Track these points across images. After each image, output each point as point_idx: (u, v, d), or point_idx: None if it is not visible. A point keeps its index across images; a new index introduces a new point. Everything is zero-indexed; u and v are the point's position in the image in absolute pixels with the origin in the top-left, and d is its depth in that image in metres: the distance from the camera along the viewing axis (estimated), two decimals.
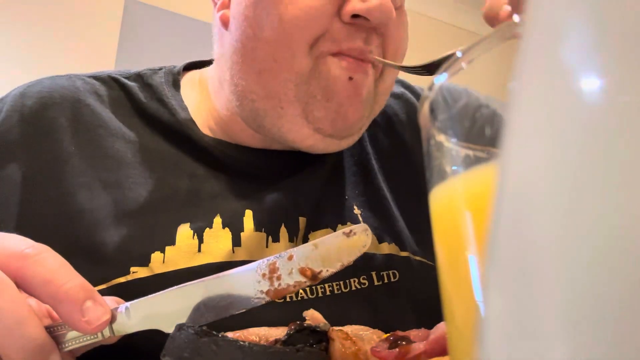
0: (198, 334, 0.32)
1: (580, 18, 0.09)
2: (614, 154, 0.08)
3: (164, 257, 0.43)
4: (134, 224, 0.44)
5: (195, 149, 0.50)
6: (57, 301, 0.30)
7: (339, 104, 0.45)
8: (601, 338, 0.08)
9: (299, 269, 0.34)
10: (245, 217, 0.47)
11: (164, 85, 0.54)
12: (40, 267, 0.30)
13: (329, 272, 0.35)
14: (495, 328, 0.10)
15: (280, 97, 0.45)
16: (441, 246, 0.18)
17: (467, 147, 0.17)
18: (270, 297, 0.34)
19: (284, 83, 0.44)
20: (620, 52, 0.08)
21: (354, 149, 0.56)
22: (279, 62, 0.44)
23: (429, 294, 0.40)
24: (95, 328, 0.30)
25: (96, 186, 0.46)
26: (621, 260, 0.08)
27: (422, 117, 0.19)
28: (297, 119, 0.46)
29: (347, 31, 0.43)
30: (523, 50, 0.10)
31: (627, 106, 0.08)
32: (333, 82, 0.44)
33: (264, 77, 0.45)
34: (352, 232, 0.35)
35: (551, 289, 0.08)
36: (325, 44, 0.43)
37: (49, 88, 0.51)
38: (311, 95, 0.45)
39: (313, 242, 0.35)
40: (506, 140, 0.10)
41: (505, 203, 0.10)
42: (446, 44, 2.74)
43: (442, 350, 0.30)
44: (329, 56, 0.44)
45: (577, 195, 0.08)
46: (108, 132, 0.49)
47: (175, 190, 0.47)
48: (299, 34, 0.43)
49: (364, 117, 0.47)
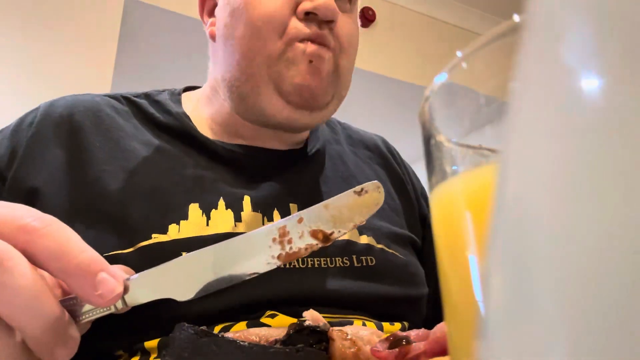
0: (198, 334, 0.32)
1: (580, 18, 0.09)
2: (613, 153, 0.08)
3: (179, 228, 0.51)
4: (152, 201, 0.53)
5: (198, 145, 0.60)
6: (68, 275, 0.30)
7: (303, 80, 0.55)
8: (601, 330, 0.08)
9: (310, 231, 0.34)
10: (244, 201, 0.56)
11: (169, 101, 0.65)
12: (48, 241, 0.29)
13: (340, 232, 0.34)
14: (495, 326, 0.10)
15: (256, 78, 0.56)
16: (441, 246, 0.18)
17: (467, 147, 0.17)
18: (281, 261, 0.33)
19: (259, 66, 0.56)
20: (620, 52, 0.08)
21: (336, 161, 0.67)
22: (253, 50, 0.56)
23: (398, 278, 0.57)
24: (109, 301, 0.30)
25: (118, 172, 0.55)
26: (620, 258, 0.08)
27: (422, 117, 0.19)
28: (272, 95, 0.56)
29: (306, 22, 0.55)
30: (523, 50, 0.10)
31: (627, 106, 0.08)
32: (296, 65, 0.55)
33: (242, 64, 0.57)
34: (363, 190, 0.34)
35: (551, 286, 0.08)
36: (291, 32, 0.55)
37: (73, 100, 0.61)
38: (280, 75, 0.55)
39: (323, 203, 0.34)
40: (506, 140, 0.10)
41: (506, 203, 0.10)
42: (446, 44, 2.74)
43: (442, 350, 0.30)
44: (296, 42, 0.55)
45: (576, 194, 0.08)
46: (124, 134, 0.59)
47: (182, 177, 0.56)
48: (264, 26, 0.55)
49: (328, 93, 0.58)
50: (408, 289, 0.59)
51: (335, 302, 0.52)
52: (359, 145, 0.74)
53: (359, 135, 0.76)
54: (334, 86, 0.59)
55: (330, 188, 0.63)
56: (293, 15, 0.55)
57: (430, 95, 0.18)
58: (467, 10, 2.84)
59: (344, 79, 0.61)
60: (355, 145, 0.73)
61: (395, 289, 0.57)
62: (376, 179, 0.68)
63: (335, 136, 0.73)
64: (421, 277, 0.62)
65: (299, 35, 0.55)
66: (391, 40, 2.63)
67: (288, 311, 0.50)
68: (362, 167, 0.70)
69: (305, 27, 0.55)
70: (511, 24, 0.14)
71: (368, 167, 0.71)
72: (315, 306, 0.50)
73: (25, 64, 1.77)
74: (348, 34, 0.59)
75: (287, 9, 0.55)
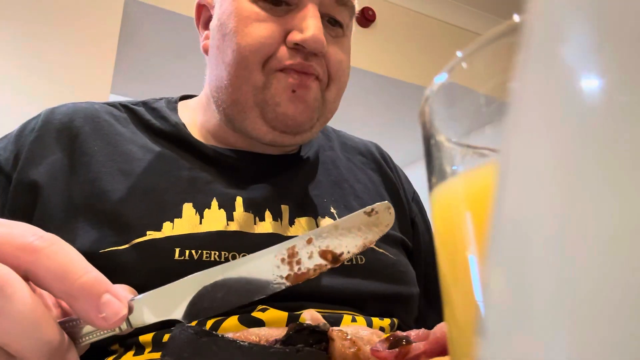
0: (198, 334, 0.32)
1: (580, 18, 0.09)
2: (613, 153, 0.08)
3: (173, 225, 0.53)
4: (147, 201, 0.55)
5: (193, 149, 0.62)
6: (72, 297, 0.29)
7: (286, 109, 0.57)
8: (601, 331, 0.08)
9: (320, 251, 0.33)
10: (236, 202, 0.58)
11: (165, 108, 0.67)
12: (52, 261, 0.29)
13: (350, 253, 0.33)
14: (495, 326, 0.10)
15: (242, 104, 0.58)
16: (441, 246, 0.18)
17: (467, 147, 0.17)
18: (290, 282, 0.33)
19: (245, 94, 0.58)
20: (620, 52, 0.08)
21: (328, 167, 0.69)
22: (240, 78, 0.57)
23: (387, 276, 0.59)
24: (113, 324, 0.30)
25: (116, 174, 0.57)
26: (620, 259, 0.08)
27: (422, 117, 0.19)
28: (257, 120, 0.58)
29: (290, 53, 0.56)
30: (523, 50, 0.10)
31: (627, 106, 0.08)
32: (280, 94, 0.57)
33: (229, 89, 0.59)
34: (373, 210, 0.33)
35: (551, 287, 0.08)
36: (274, 62, 0.56)
37: (73, 107, 0.64)
38: (265, 102, 0.57)
39: (333, 223, 0.33)
40: (506, 140, 0.10)
41: (505, 203, 0.10)
42: (446, 44, 2.74)
43: (442, 350, 0.30)
44: (278, 72, 0.56)
45: (576, 195, 0.08)
46: (122, 138, 0.61)
47: (177, 178, 0.58)
48: (251, 56, 0.56)
49: (312, 119, 0.60)
50: (397, 287, 0.59)
51: (325, 297, 0.53)
52: (353, 152, 0.76)
53: (352, 142, 0.78)
54: (319, 112, 0.60)
55: (321, 192, 0.65)
56: (282, 44, 0.56)
57: (430, 95, 0.18)
58: (467, 10, 2.83)
59: (331, 106, 0.62)
60: (349, 151, 0.75)
61: (385, 287, 0.58)
62: (369, 183, 0.71)
63: (329, 143, 0.74)
64: (411, 276, 0.63)
65: (282, 65, 0.56)
66: (391, 40, 2.63)
67: (279, 306, 0.50)
68: (355, 172, 0.71)
69: (290, 57, 0.56)
70: (511, 24, 0.14)
71: (361, 172, 0.72)
72: (306, 301, 0.51)
73: (25, 63, 1.76)
74: (337, 62, 0.60)
75: (276, 38, 0.56)
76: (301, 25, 0.55)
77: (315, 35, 0.55)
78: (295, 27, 0.56)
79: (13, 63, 1.75)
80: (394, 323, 0.58)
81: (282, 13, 0.57)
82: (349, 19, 0.62)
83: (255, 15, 0.57)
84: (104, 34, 1.93)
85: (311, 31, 0.55)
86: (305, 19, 0.55)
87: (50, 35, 1.83)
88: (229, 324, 0.48)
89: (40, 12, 1.84)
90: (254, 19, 0.57)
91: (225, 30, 0.58)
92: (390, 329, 0.56)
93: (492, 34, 0.15)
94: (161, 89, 2.63)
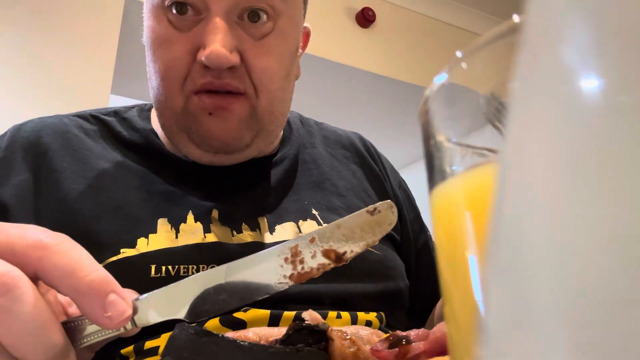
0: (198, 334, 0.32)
1: (580, 18, 0.09)
2: (613, 153, 0.08)
3: (148, 241, 0.52)
4: (121, 217, 0.54)
5: (165, 161, 0.61)
6: (79, 294, 0.29)
7: (208, 132, 0.55)
8: (601, 332, 0.08)
9: (323, 250, 0.33)
10: (212, 214, 0.56)
11: (137, 117, 0.65)
12: (60, 258, 0.29)
13: (353, 252, 0.33)
14: (495, 326, 0.10)
15: (170, 128, 0.57)
16: (441, 246, 0.18)
17: (467, 147, 0.17)
18: (293, 282, 0.33)
19: (169, 118, 0.56)
20: (620, 52, 0.08)
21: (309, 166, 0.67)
22: (163, 103, 0.56)
23: (373, 274, 0.58)
24: (118, 324, 0.30)
25: (86, 191, 0.55)
26: (619, 260, 0.08)
27: (422, 117, 0.19)
28: (188, 144, 0.57)
29: (202, 71, 0.53)
30: (523, 50, 0.10)
31: (626, 106, 0.08)
32: (197, 119, 0.55)
33: (157, 113, 0.58)
34: (376, 209, 0.33)
35: (551, 288, 0.08)
36: (188, 84, 0.54)
37: (41, 124, 0.61)
38: (188, 127, 0.55)
39: (336, 223, 0.34)
40: (506, 140, 0.10)
41: (505, 204, 0.10)
42: (446, 44, 2.74)
43: (442, 350, 0.30)
44: (193, 95, 0.54)
45: (576, 195, 0.08)
46: (93, 154, 0.59)
47: (150, 193, 0.57)
48: (166, 81, 0.54)
49: (242, 137, 0.56)
50: (384, 284, 0.59)
51: (310, 299, 0.53)
52: (336, 146, 0.73)
53: (335, 134, 0.76)
54: (251, 128, 0.56)
55: (300, 195, 0.63)
56: (194, 62, 0.53)
57: (430, 95, 0.18)
58: (467, 11, 2.83)
59: (267, 117, 0.57)
60: (331, 145, 0.73)
61: (370, 285, 0.57)
62: (353, 178, 0.69)
63: (311, 139, 0.72)
64: (399, 271, 0.63)
65: (196, 86, 0.53)
66: (391, 40, 2.63)
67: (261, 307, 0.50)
68: (338, 168, 0.70)
69: (202, 76, 0.52)
70: (511, 24, 0.14)
71: (344, 168, 0.70)
72: (290, 304, 0.51)
73: (25, 64, 1.76)
74: (260, 71, 0.54)
75: (186, 58, 0.53)
76: (205, 41, 0.51)
77: (215, 51, 0.50)
78: (201, 43, 0.52)
79: (13, 63, 1.75)
80: (381, 316, 0.58)
81: (191, 24, 0.53)
82: (279, 1, 0.55)
83: (164, 35, 0.54)
84: (104, 34, 1.93)
85: (210, 48, 0.50)
86: (208, 33, 0.51)
87: (50, 35, 1.83)
88: (210, 325, 0.49)
89: (40, 12, 1.84)
90: (164, 39, 0.54)
91: (147, 48, 0.57)
92: (379, 322, 0.57)
93: (492, 34, 0.15)
94: None
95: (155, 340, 0.48)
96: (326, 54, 2.32)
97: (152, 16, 0.56)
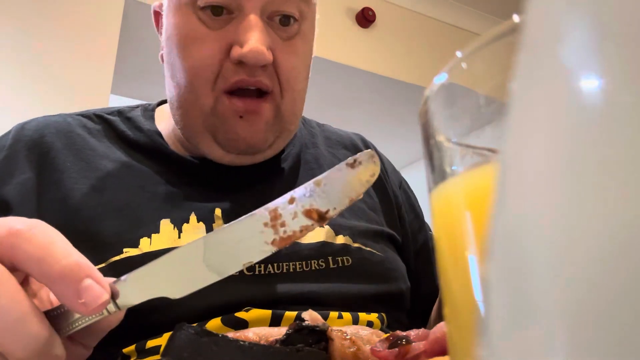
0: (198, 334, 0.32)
1: (580, 18, 0.09)
2: (613, 153, 0.08)
3: (151, 241, 0.52)
4: (123, 217, 0.53)
5: (169, 162, 0.60)
6: (51, 281, 0.28)
7: (236, 134, 0.55)
8: (601, 331, 0.08)
9: (304, 211, 0.31)
10: (215, 213, 0.56)
11: (140, 117, 0.65)
12: (31, 244, 0.28)
13: (336, 210, 0.31)
14: (495, 326, 0.10)
15: (193, 128, 0.57)
16: (441, 246, 0.18)
17: (467, 147, 0.17)
18: (276, 247, 0.31)
19: (194, 118, 0.56)
20: (620, 52, 0.08)
21: (312, 166, 0.68)
22: (188, 102, 0.56)
23: (374, 276, 0.58)
24: (95, 309, 0.29)
25: (89, 191, 0.55)
26: (619, 260, 0.08)
27: (422, 117, 0.19)
28: (211, 144, 0.57)
29: (235, 69, 0.53)
30: (523, 50, 0.10)
31: (626, 106, 0.08)
32: (227, 121, 0.55)
33: (180, 112, 0.57)
34: (356, 161, 0.31)
35: (551, 287, 0.08)
36: (220, 82, 0.54)
37: (45, 122, 0.61)
38: (215, 127, 0.55)
39: (315, 180, 0.31)
40: (506, 140, 0.10)
41: (505, 204, 0.10)
42: (446, 44, 2.74)
43: (442, 350, 0.30)
44: (224, 95, 0.54)
45: (576, 195, 0.08)
46: (96, 154, 0.59)
47: (154, 194, 0.57)
48: (196, 80, 0.54)
49: (267, 139, 0.57)
50: (385, 286, 0.59)
51: (311, 301, 0.53)
52: (337, 146, 0.74)
53: (337, 135, 0.76)
54: (275, 130, 0.58)
55: None
56: (227, 59, 0.53)
57: (430, 95, 0.18)
58: (467, 11, 2.84)
59: (290, 118, 0.59)
60: (333, 146, 0.73)
61: (372, 287, 0.57)
62: None
63: (313, 139, 0.73)
64: (400, 272, 0.63)
65: (228, 84, 0.53)
66: (391, 40, 2.63)
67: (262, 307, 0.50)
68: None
69: (235, 73, 0.53)
70: (511, 24, 0.14)
71: None
72: (291, 305, 0.51)
73: (25, 64, 1.76)
74: (288, 70, 0.56)
75: (218, 56, 0.53)
76: (241, 39, 0.52)
77: (254, 49, 0.51)
78: (236, 41, 0.52)
79: (13, 63, 1.75)
80: (383, 317, 0.58)
81: (223, 23, 0.54)
82: (304, 6, 0.57)
83: (195, 33, 0.54)
84: (104, 34, 1.93)
85: (250, 45, 0.51)
86: (245, 31, 0.52)
87: (51, 35, 1.83)
88: (212, 325, 0.49)
89: (40, 12, 1.84)
90: (194, 37, 0.54)
91: (171, 44, 0.56)
92: (380, 323, 0.57)
93: (492, 34, 0.15)
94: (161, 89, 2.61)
95: (157, 339, 0.48)
96: (326, 54, 2.32)
97: (179, 13, 0.55)
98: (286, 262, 0.55)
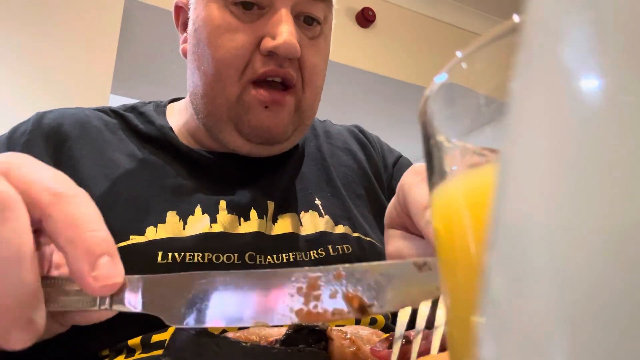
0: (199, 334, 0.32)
1: (580, 18, 0.09)
2: (613, 153, 0.08)
3: (156, 230, 0.54)
4: (132, 207, 0.56)
5: (179, 155, 0.63)
6: (74, 246, 0.27)
7: (260, 123, 0.58)
8: (601, 331, 0.08)
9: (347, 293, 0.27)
10: (219, 205, 0.58)
11: (153, 112, 0.68)
12: (71, 208, 0.28)
13: (382, 309, 0.26)
14: (495, 326, 0.10)
15: (217, 116, 0.59)
16: (441, 246, 0.18)
17: (467, 147, 0.17)
18: (299, 319, 0.27)
19: (219, 106, 0.58)
20: (620, 52, 0.08)
21: (315, 156, 0.70)
22: (214, 90, 0.58)
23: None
24: (101, 288, 0.27)
25: (101, 180, 0.57)
26: (619, 258, 0.08)
27: (422, 117, 0.19)
28: (233, 133, 0.60)
29: (264, 60, 0.56)
30: (523, 50, 0.10)
31: (627, 107, 0.08)
32: (252, 110, 0.57)
33: (205, 100, 0.60)
34: (426, 264, 0.26)
35: (551, 287, 0.08)
36: (248, 72, 0.56)
37: (63, 113, 0.64)
38: (239, 117, 0.58)
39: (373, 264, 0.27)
40: (506, 140, 0.10)
41: (505, 203, 0.10)
42: (446, 44, 2.74)
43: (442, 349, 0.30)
44: (251, 85, 0.56)
45: (576, 194, 0.08)
46: (109, 145, 0.62)
47: (162, 186, 0.59)
48: (226, 70, 0.56)
49: (287, 130, 0.60)
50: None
51: None
52: (338, 136, 0.77)
53: (335, 128, 0.79)
54: (294, 122, 0.61)
55: (305, 184, 0.66)
56: (256, 51, 0.56)
57: (430, 95, 0.18)
58: (467, 11, 2.83)
59: (308, 112, 0.62)
60: (332, 138, 0.76)
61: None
62: (354, 162, 0.72)
63: (315, 132, 0.76)
64: None
65: (256, 74, 0.56)
66: (391, 40, 2.63)
67: None
68: (338, 155, 0.73)
69: (264, 64, 0.56)
70: (511, 24, 0.14)
71: (345, 153, 0.74)
72: None
73: (25, 64, 1.76)
74: (311, 67, 0.59)
75: (249, 47, 0.56)
76: (273, 32, 0.55)
77: (287, 41, 0.54)
78: (268, 33, 0.55)
79: (13, 63, 1.75)
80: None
81: (254, 18, 0.56)
82: (328, 11, 0.61)
83: (227, 24, 0.56)
84: (104, 34, 1.93)
85: (283, 37, 0.54)
86: (277, 24, 0.55)
87: (50, 35, 1.83)
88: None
89: (40, 12, 1.84)
90: (226, 28, 0.56)
91: (199, 36, 0.58)
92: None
93: (492, 34, 0.15)
94: (161, 89, 2.62)
95: (163, 333, 0.49)
96: None
97: (210, 7, 0.57)
98: (285, 253, 0.56)
